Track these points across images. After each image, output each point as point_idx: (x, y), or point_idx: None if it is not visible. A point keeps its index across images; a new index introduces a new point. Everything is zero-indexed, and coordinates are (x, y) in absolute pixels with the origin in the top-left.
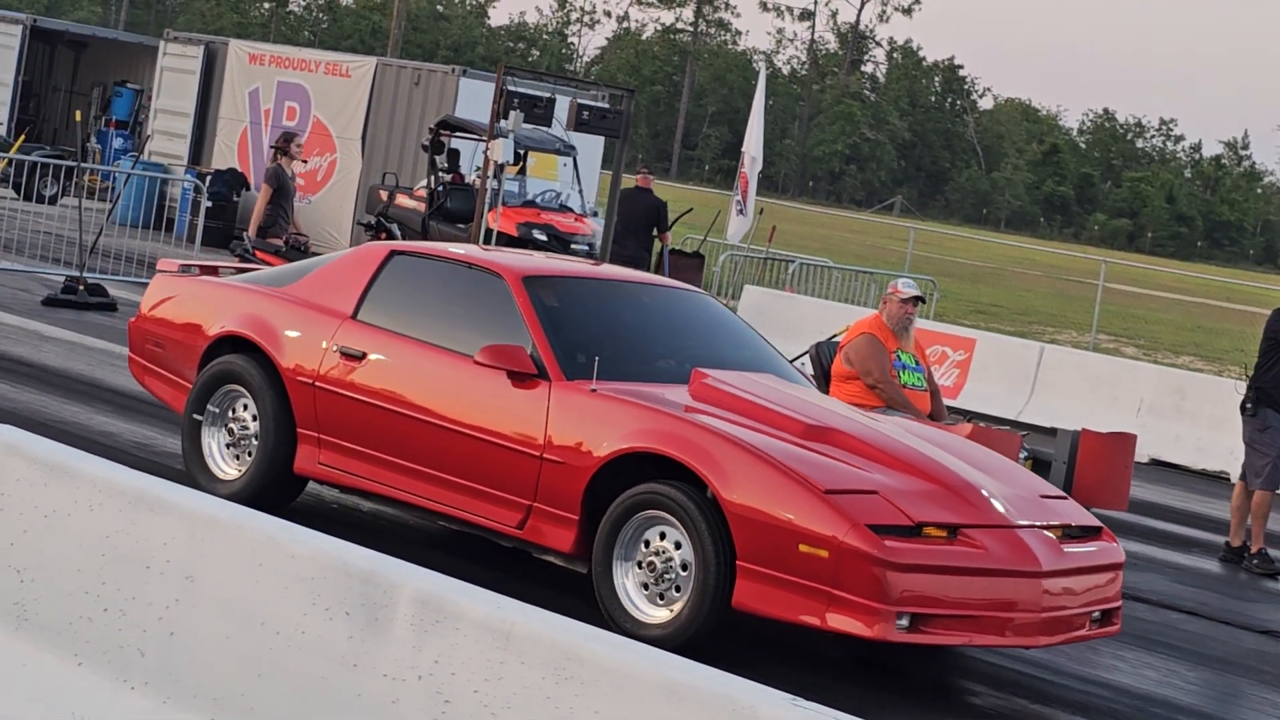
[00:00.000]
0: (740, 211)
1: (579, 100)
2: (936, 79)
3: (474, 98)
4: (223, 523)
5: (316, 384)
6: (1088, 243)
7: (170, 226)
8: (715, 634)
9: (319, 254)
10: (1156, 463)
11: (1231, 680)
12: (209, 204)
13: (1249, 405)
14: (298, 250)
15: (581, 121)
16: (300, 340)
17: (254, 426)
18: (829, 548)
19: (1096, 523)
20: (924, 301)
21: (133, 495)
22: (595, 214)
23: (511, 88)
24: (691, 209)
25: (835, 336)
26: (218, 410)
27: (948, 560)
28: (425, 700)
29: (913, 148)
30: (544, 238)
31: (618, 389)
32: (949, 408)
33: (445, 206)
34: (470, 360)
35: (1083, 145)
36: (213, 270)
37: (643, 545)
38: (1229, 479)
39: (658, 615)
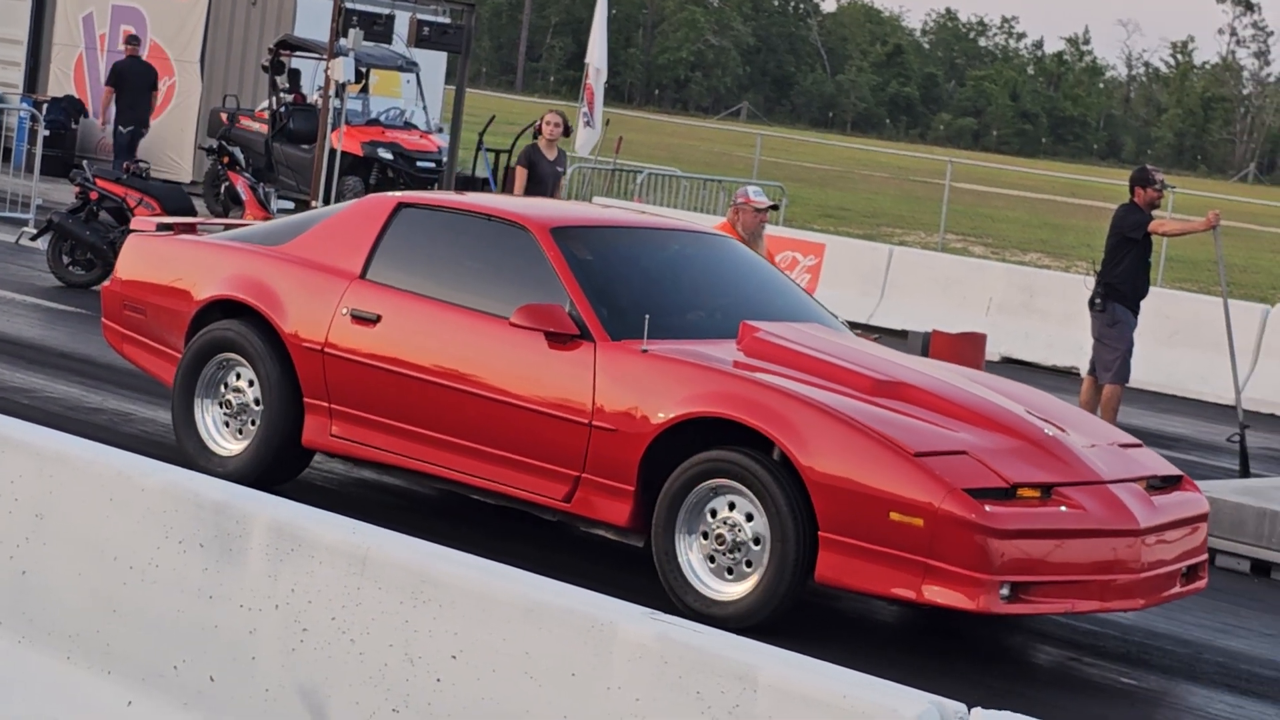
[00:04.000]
0: (587, 123)
1: (419, 16)
2: None
3: (313, 16)
4: (71, 458)
5: (326, 350)
6: (934, 143)
7: (7, 156)
8: (793, 611)
9: (162, 180)
10: (1007, 360)
11: None
12: (46, 132)
13: (1098, 301)
14: (139, 178)
15: (422, 37)
16: (304, 303)
17: (253, 397)
18: (924, 515)
19: (1176, 471)
20: (776, 209)
21: None
22: (441, 130)
23: (350, 5)
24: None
25: None
26: (212, 381)
27: (1048, 523)
28: (283, 629)
29: (757, 53)
30: (390, 156)
31: (669, 348)
32: None
33: (288, 127)
34: (500, 321)
35: (926, 45)
36: (190, 228)
37: (708, 516)
38: (1078, 374)
39: (730, 591)
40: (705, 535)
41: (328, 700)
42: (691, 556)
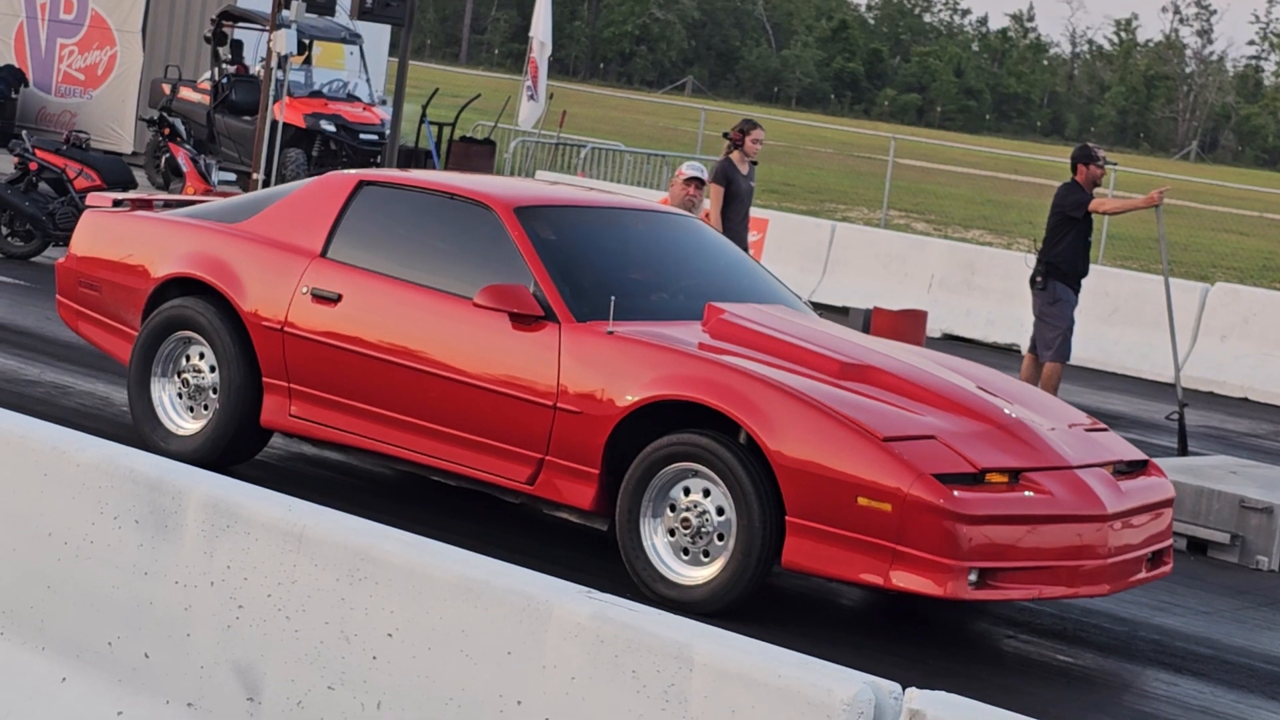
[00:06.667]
0: (531, 97)
1: None
2: None
3: None
4: (5, 433)
5: (285, 330)
6: (878, 119)
7: None
8: (759, 594)
9: (102, 151)
10: (948, 337)
11: None
12: None
13: (1039, 279)
14: (78, 148)
15: (365, 9)
16: (263, 281)
17: (210, 377)
18: (893, 501)
19: (1142, 455)
20: (703, 183)
21: None
22: (384, 103)
23: None
24: (480, 95)
25: None
26: (169, 360)
27: (1016, 509)
28: (218, 606)
29: (703, 27)
30: (332, 128)
31: (635, 330)
32: None
33: (230, 99)
34: (463, 301)
35: (871, 21)
36: (146, 204)
37: (673, 499)
38: (1019, 351)
39: (695, 575)
40: (671, 518)
41: (263, 677)
42: (657, 541)
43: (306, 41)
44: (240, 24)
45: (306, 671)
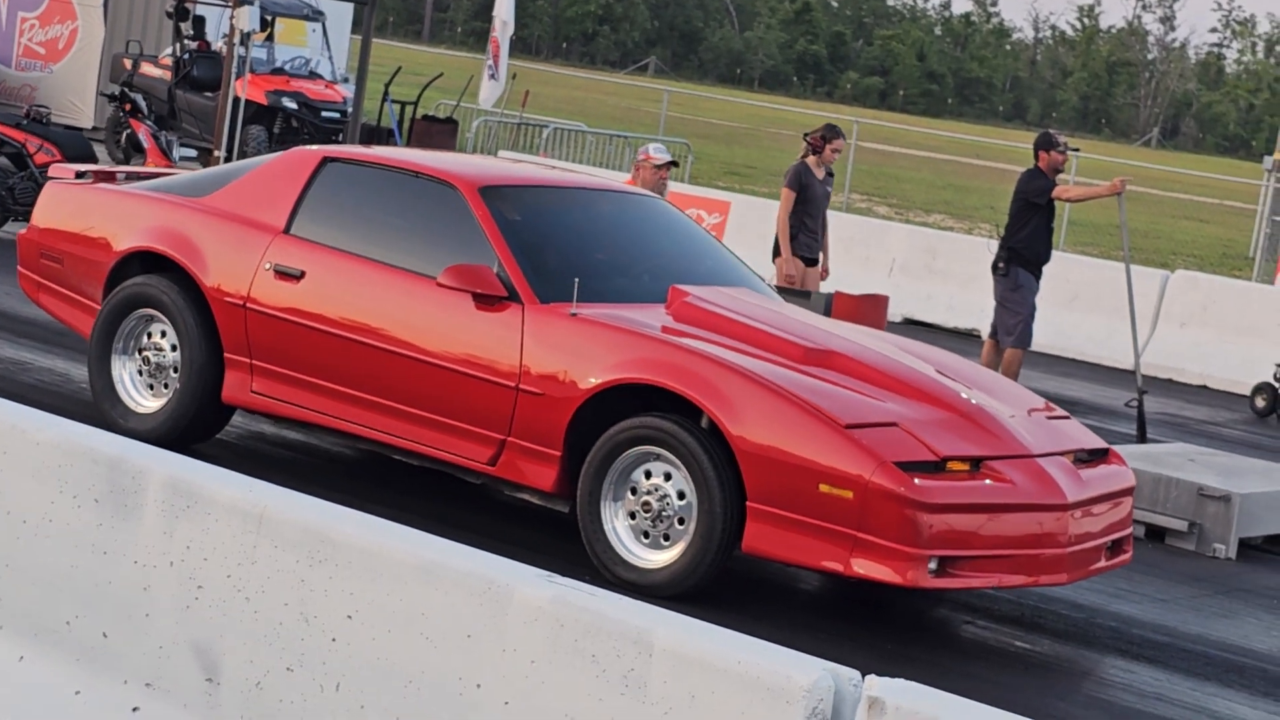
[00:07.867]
0: (492, 76)
1: None
2: None
3: None
4: None
5: (248, 305)
6: (840, 101)
7: None
8: (720, 579)
9: (63, 126)
10: (909, 321)
11: None
12: None
13: (1001, 265)
14: (39, 122)
15: None
16: (226, 257)
17: (171, 355)
18: (854, 488)
19: (1103, 444)
20: (677, 165)
21: None
22: (346, 80)
23: None
24: (442, 74)
25: None
26: (129, 337)
27: (976, 497)
28: (177, 586)
29: (666, 8)
30: (294, 106)
31: (598, 313)
32: None
33: (192, 75)
34: (427, 281)
35: (834, 4)
36: (109, 176)
37: (635, 483)
38: (979, 336)
39: (655, 559)
40: (632, 502)
41: (222, 658)
42: (617, 524)
43: (269, 18)
44: (202, 0)
45: (265, 652)
